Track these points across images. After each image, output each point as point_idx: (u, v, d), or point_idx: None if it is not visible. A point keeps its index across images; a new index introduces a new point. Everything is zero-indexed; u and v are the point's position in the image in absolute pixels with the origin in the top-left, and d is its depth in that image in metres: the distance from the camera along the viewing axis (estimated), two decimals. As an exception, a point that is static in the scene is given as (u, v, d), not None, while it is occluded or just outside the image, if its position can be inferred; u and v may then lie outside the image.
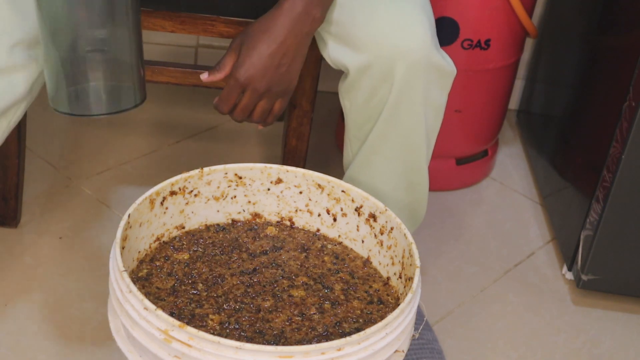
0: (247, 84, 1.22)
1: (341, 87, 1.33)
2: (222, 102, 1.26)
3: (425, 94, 1.26)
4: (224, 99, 1.25)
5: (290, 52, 1.22)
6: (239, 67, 1.22)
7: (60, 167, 1.79)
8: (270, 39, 1.21)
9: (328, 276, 1.20)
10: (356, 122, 1.33)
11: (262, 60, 1.21)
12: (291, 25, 1.20)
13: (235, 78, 1.22)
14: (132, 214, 1.13)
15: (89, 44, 1.08)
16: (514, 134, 2.13)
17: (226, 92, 1.24)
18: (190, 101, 2.07)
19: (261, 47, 1.21)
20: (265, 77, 1.22)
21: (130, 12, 1.09)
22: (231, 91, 1.24)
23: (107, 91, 1.12)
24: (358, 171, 1.36)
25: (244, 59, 1.22)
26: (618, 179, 1.51)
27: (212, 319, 1.10)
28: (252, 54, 1.21)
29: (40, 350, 1.40)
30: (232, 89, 1.24)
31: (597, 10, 1.71)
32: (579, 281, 1.63)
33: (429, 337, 1.46)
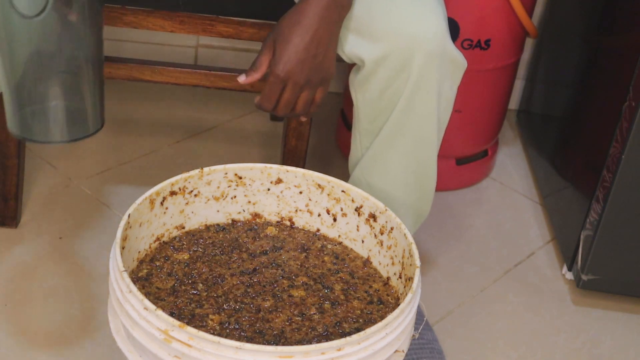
0: (287, 78, 1.22)
1: (354, 80, 1.32)
2: (264, 100, 1.25)
3: (439, 86, 1.27)
4: (267, 97, 1.25)
5: (323, 40, 1.22)
6: (277, 63, 1.22)
7: (60, 167, 1.79)
8: (303, 31, 1.20)
9: (328, 276, 1.20)
10: (368, 116, 1.33)
11: (298, 52, 1.21)
12: (321, 14, 1.21)
13: (275, 74, 1.22)
14: (132, 214, 1.13)
15: (47, 69, 1.08)
16: (514, 134, 2.13)
17: (268, 89, 1.24)
18: (190, 101, 2.07)
19: (295, 39, 1.21)
20: (304, 68, 1.22)
21: (89, 36, 1.09)
22: (272, 88, 1.23)
23: (65, 119, 1.11)
24: (371, 164, 1.36)
25: (281, 54, 1.21)
26: (618, 179, 1.51)
27: (212, 319, 1.10)
28: (287, 47, 1.21)
29: (40, 350, 1.40)
30: (273, 85, 1.23)
31: (597, 10, 1.71)
32: (579, 281, 1.63)
33: (429, 337, 1.46)
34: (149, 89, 2.07)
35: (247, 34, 1.48)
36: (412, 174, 1.35)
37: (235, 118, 2.05)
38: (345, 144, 1.96)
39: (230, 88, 1.54)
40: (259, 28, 1.47)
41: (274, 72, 1.22)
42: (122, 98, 2.04)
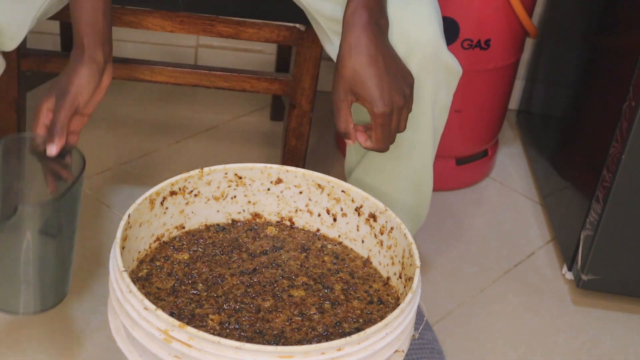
0: (391, 109, 1.16)
1: None
2: (382, 142, 1.18)
3: (434, 93, 1.26)
4: (384, 139, 1.18)
5: (387, 56, 1.17)
6: (376, 104, 1.14)
7: (60, 167, 1.79)
8: (371, 61, 1.15)
9: (328, 276, 1.20)
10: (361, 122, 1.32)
11: (382, 82, 1.15)
12: (372, 37, 1.16)
13: (382, 114, 1.15)
14: (132, 214, 1.13)
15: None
16: (514, 134, 2.13)
17: (381, 132, 1.17)
18: (190, 101, 2.07)
19: (371, 72, 1.15)
20: (396, 90, 1.16)
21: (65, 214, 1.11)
22: (384, 128, 1.16)
23: (34, 291, 1.14)
24: (366, 172, 1.36)
25: (371, 94, 1.14)
26: (618, 179, 1.51)
27: (212, 319, 1.10)
28: (369, 85, 1.15)
29: (40, 350, 1.40)
30: (384, 126, 1.16)
31: (597, 10, 1.71)
32: (579, 281, 1.63)
33: (429, 337, 1.46)
34: (149, 89, 2.07)
35: (247, 34, 1.48)
36: (408, 180, 1.35)
37: (235, 118, 2.05)
38: (345, 144, 1.96)
39: (230, 88, 1.54)
40: (258, 28, 1.47)
41: (380, 114, 1.15)
42: (122, 98, 2.04)
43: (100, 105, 1.18)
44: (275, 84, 1.53)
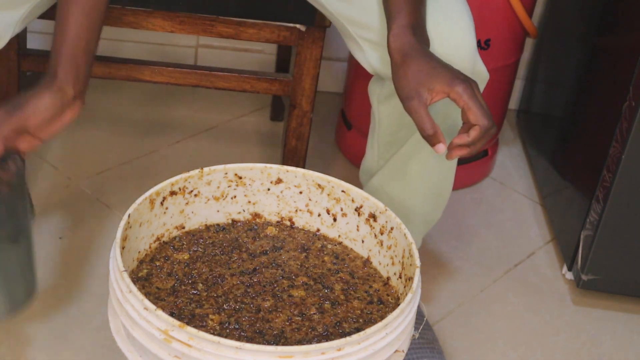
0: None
1: (377, 92, 1.30)
2: (475, 148, 1.12)
3: None
4: (479, 145, 1.11)
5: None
6: (485, 116, 1.08)
7: (60, 167, 1.79)
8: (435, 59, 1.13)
9: (328, 276, 1.20)
10: (391, 128, 1.31)
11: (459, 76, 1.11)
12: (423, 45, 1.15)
13: (491, 124, 1.10)
14: (132, 214, 1.13)
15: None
16: (514, 134, 2.13)
17: (482, 142, 1.11)
18: (190, 101, 2.07)
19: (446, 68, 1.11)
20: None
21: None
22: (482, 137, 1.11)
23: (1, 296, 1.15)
24: (392, 176, 1.35)
25: (477, 105, 1.09)
26: (618, 179, 1.51)
27: (212, 319, 1.10)
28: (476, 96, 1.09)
29: (40, 350, 1.40)
30: (482, 137, 1.10)
31: (597, 10, 1.71)
32: (579, 281, 1.63)
33: (429, 337, 1.46)
34: (149, 89, 2.07)
35: (247, 34, 1.48)
36: (433, 185, 1.35)
37: (235, 118, 2.05)
38: (345, 144, 1.96)
39: (230, 88, 1.54)
40: (259, 28, 1.47)
41: (488, 125, 1.09)
42: (122, 98, 2.04)
43: (100, 105, 1.18)
44: (276, 84, 1.53)
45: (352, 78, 1.91)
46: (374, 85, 1.33)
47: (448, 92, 1.09)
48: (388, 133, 1.33)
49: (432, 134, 1.09)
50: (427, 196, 1.36)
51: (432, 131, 1.09)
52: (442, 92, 1.09)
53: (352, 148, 1.94)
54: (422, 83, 1.10)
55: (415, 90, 1.10)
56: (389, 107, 1.30)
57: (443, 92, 1.09)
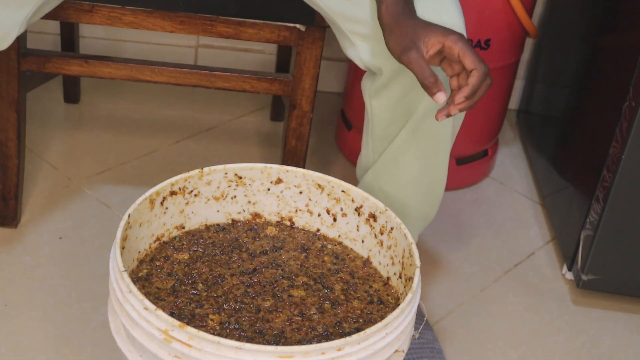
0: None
1: (368, 87, 1.32)
2: (475, 100, 1.13)
3: None
4: (477, 95, 1.12)
5: None
6: (480, 60, 1.10)
7: (60, 167, 1.79)
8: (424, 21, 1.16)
9: (328, 276, 1.20)
10: (383, 122, 1.32)
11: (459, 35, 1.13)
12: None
13: (485, 69, 1.10)
14: (132, 214, 1.13)
15: None
16: (514, 134, 2.13)
17: (481, 85, 1.11)
18: (190, 101, 2.07)
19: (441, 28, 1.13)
20: None
21: None
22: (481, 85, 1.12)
23: None
24: (385, 170, 1.36)
25: (470, 49, 1.10)
26: (618, 179, 1.51)
27: (212, 319, 1.10)
28: (467, 42, 1.12)
29: (40, 350, 1.40)
30: (481, 83, 1.11)
31: (597, 10, 1.71)
32: (579, 281, 1.63)
33: (429, 337, 1.46)
34: (149, 89, 2.07)
35: (247, 34, 1.48)
36: (425, 178, 1.35)
37: (235, 118, 2.05)
38: (345, 144, 1.96)
39: (230, 88, 1.54)
40: (259, 28, 1.47)
41: (485, 69, 1.11)
42: (122, 98, 2.04)
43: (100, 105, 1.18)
44: (276, 84, 1.53)
45: (352, 78, 1.91)
46: (366, 81, 1.33)
47: (443, 41, 1.11)
48: (380, 127, 1.33)
49: (434, 81, 1.10)
50: (420, 190, 1.36)
51: (433, 78, 1.10)
52: (437, 42, 1.12)
53: (352, 148, 1.94)
54: (418, 36, 1.12)
55: (413, 42, 1.12)
56: (380, 100, 1.30)
57: (438, 42, 1.11)
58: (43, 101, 1.95)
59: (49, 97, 1.96)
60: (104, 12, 1.44)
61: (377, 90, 1.30)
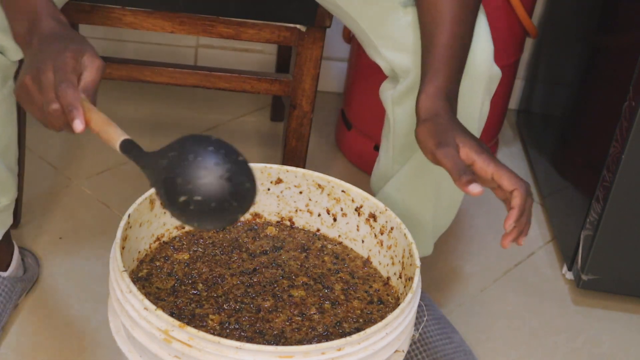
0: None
1: (391, 94, 1.29)
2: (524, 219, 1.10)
3: (481, 107, 1.27)
4: (525, 216, 1.09)
5: None
6: (519, 178, 1.06)
7: (60, 167, 1.79)
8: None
9: (328, 276, 1.20)
10: (406, 129, 1.29)
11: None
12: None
13: (526, 185, 1.07)
14: (132, 214, 1.13)
15: None
16: (514, 134, 2.13)
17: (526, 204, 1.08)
18: (190, 101, 2.08)
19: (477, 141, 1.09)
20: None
21: None
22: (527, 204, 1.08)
23: None
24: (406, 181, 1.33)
25: (508, 170, 1.06)
26: (618, 179, 1.51)
27: (212, 319, 1.10)
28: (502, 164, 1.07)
29: (40, 350, 1.40)
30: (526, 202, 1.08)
31: (597, 10, 1.71)
32: (579, 281, 1.63)
33: (457, 339, 1.46)
34: (149, 89, 2.07)
35: (247, 34, 1.48)
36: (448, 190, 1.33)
37: (235, 118, 2.05)
38: (345, 144, 1.96)
39: (231, 89, 1.54)
40: (259, 29, 1.47)
41: (526, 185, 1.07)
42: (122, 98, 2.04)
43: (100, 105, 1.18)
44: (276, 84, 1.53)
45: (352, 78, 1.91)
46: (387, 88, 1.31)
47: (474, 159, 1.06)
48: (403, 134, 1.31)
49: (470, 178, 1.03)
50: (442, 202, 1.35)
51: (470, 176, 1.03)
52: (468, 159, 1.06)
53: (352, 148, 1.94)
54: (454, 136, 1.07)
55: (452, 139, 1.07)
56: (404, 107, 1.28)
57: (469, 158, 1.06)
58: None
59: (49, 97, 1.96)
60: (104, 12, 1.44)
61: (400, 96, 1.27)
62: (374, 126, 1.85)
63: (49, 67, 0.99)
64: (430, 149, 1.07)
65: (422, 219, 1.35)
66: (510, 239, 1.07)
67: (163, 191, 0.92)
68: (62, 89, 0.99)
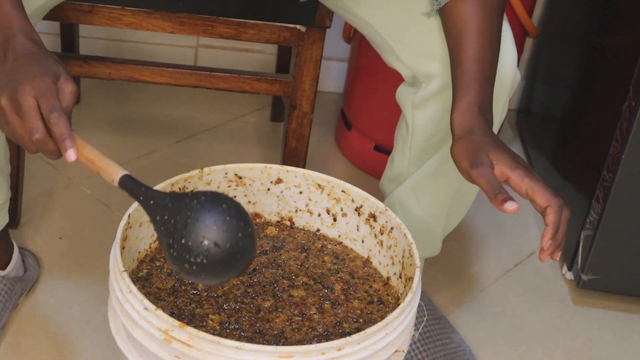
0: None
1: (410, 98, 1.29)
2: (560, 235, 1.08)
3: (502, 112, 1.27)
4: (561, 231, 1.08)
5: None
6: (554, 194, 1.07)
7: (60, 167, 1.79)
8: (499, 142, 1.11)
9: (328, 276, 1.20)
10: (426, 133, 1.29)
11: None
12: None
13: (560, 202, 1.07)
14: (132, 214, 1.13)
15: None
16: (514, 134, 2.13)
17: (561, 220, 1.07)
18: (190, 101, 2.08)
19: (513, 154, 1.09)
20: None
21: None
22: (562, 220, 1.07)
23: None
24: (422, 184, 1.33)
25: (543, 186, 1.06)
26: (618, 179, 1.51)
27: (212, 319, 1.10)
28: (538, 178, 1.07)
29: (41, 350, 1.40)
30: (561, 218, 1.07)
31: (597, 10, 1.71)
32: (579, 281, 1.63)
33: (458, 339, 1.46)
34: (149, 89, 2.07)
35: (247, 35, 1.48)
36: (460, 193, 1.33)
37: (235, 118, 2.05)
38: (345, 144, 1.96)
39: (231, 89, 1.54)
40: (259, 29, 1.47)
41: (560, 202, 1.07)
42: (122, 98, 2.04)
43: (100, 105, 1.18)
44: (276, 85, 1.53)
45: (352, 78, 1.91)
46: (405, 91, 1.30)
47: (509, 174, 1.06)
48: (423, 139, 1.30)
49: (505, 197, 1.03)
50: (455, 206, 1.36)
51: (505, 195, 1.03)
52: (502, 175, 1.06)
53: (352, 148, 1.94)
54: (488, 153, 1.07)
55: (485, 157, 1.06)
56: (425, 111, 1.27)
57: (503, 175, 1.06)
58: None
59: (49, 97, 1.96)
60: (104, 12, 1.44)
61: (421, 101, 1.27)
62: (374, 126, 1.85)
63: (28, 91, 0.97)
64: (465, 169, 1.07)
65: (435, 221, 1.35)
66: (547, 254, 1.06)
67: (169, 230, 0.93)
68: (54, 117, 0.98)
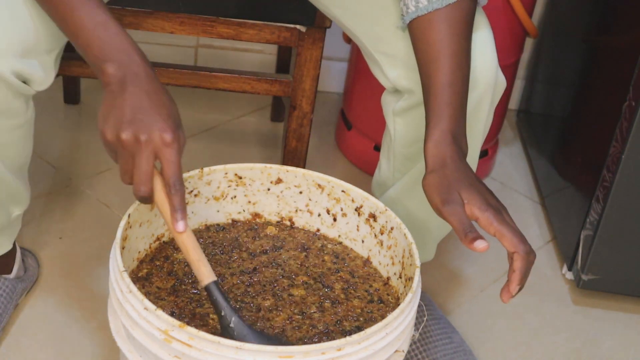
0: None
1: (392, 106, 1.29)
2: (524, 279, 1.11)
3: (487, 117, 1.26)
4: (526, 276, 1.10)
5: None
6: (522, 241, 1.08)
7: (60, 167, 1.79)
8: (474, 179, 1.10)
9: (328, 275, 1.20)
10: (407, 140, 1.29)
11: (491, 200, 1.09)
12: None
13: (526, 249, 1.08)
14: (132, 214, 1.13)
15: None
16: (514, 134, 2.13)
17: (527, 266, 1.09)
18: (190, 101, 2.08)
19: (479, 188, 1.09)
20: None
21: None
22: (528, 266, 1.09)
23: None
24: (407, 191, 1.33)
25: (512, 231, 1.07)
26: (618, 179, 1.51)
27: (213, 318, 1.10)
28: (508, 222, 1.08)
29: (40, 350, 1.40)
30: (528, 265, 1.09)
31: (597, 10, 1.71)
32: (579, 281, 1.63)
33: (458, 339, 1.46)
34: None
35: (247, 35, 1.48)
36: None
37: (235, 118, 2.05)
38: (345, 144, 1.97)
39: (231, 89, 1.54)
40: (259, 29, 1.47)
41: (527, 249, 1.08)
42: (122, 98, 2.04)
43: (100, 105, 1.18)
44: (276, 85, 1.53)
45: (352, 78, 1.91)
46: (388, 98, 1.30)
47: (479, 216, 1.05)
48: (404, 145, 1.30)
49: (475, 236, 1.03)
50: None
51: (475, 234, 1.03)
52: (472, 215, 1.06)
53: (352, 148, 1.94)
54: (460, 190, 1.06)
55: (457, 195, 1.06)
56: (406, 119, 1.27)
57: (473, 215, 1.06)
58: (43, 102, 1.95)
59: (49, 97, 1.96)
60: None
61: (403, 110, 1.27)
62: (374, 126, 1.85)
63: (146, 147, 0.99)
64: (437, 205, 1.06)
65: (425, 226, 1.35)
66: (510, 297, 1.09)
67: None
68: (176, 189, 1.01)
